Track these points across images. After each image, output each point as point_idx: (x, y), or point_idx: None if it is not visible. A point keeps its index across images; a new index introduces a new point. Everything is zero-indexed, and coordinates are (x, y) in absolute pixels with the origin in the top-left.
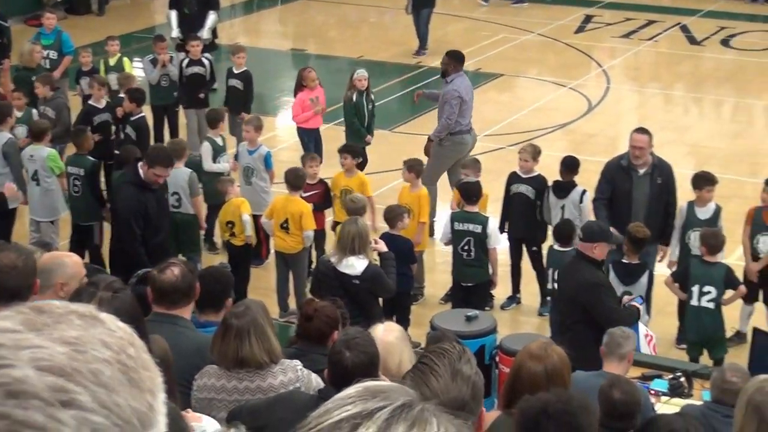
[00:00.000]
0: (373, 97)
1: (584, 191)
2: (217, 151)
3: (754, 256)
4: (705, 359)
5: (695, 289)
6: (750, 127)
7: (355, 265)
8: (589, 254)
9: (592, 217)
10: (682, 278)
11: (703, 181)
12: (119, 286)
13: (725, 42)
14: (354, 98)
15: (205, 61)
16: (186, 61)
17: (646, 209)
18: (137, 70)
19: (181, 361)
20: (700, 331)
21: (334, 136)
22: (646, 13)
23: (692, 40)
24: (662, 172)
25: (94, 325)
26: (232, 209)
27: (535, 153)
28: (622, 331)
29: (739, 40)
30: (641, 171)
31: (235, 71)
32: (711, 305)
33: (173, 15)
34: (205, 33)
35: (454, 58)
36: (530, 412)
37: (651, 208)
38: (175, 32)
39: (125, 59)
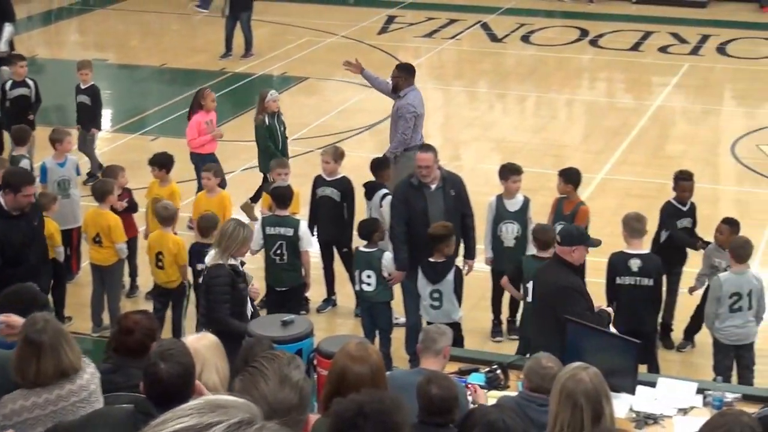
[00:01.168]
0: (283, 118)
1: (385, 194)
2: None
3: None
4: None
5: (530, 285)
6: (553, 121)
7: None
8: (567, 258)
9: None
10: (516, 276)
11: (508, 171)
12: None
13: (525, 38)
14: (267, 121)
15: (30, 82)
16: (9, 83)
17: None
18: None
19: None
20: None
21: (141, 146)
22: (447, 12)
23: (493, 38)
24: (453, 184)
25: None
26: (50, 226)
27: (337, 155)
28: (437, 327)
29: (538, 36)
30: (433, 186)
31: (82, 87)
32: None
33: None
34: (2, 46)
35: (406, 71)
36: (346, 413)
37: (449, 222)
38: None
39: None
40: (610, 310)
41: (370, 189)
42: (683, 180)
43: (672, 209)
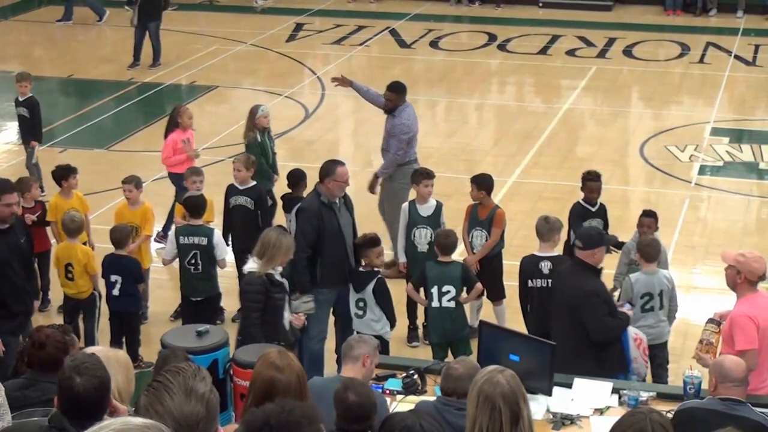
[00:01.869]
0: (272, 134)
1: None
2: None
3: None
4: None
5: (434, 290)
6: (464, 125)
7: None
8: (589, 261)
9: None
10: (420, 282)
11: (420, 175)
12: None
13: (434, 44)
14: (258, 138)
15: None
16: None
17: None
18: None
19: None
20: (444, 332)
21: (50, 158)
22: (356, 19)
23: (402, 44)
24: (347, 197)
25: None
26: None
27: (249, 163)
28: (358, 336)
29: (447, 41)
30: (339, 203)
31: (20, 99)
32: (451, 304)
33: None
34: None
35: (400, 91)
36: (254, 424)
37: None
38: None
39: None
40: (628, 311)
41: (288, 202)
42: (591, 180)
43: (580, 210)
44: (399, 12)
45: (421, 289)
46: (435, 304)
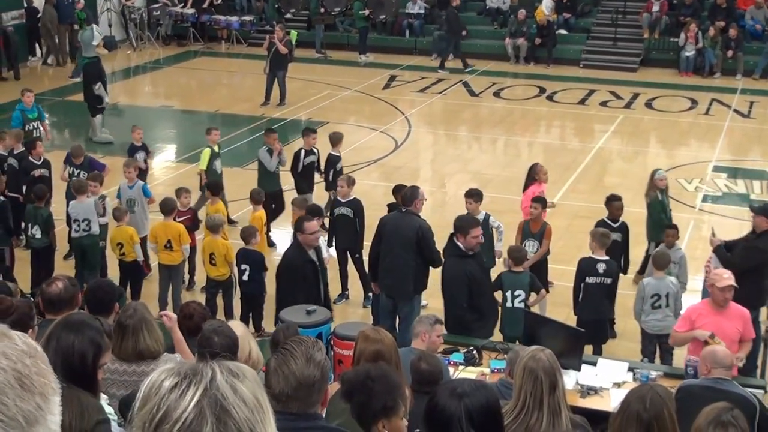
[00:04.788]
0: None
1: None
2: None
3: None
4: None
5: (508, 294)
6: (517, 158)
7: None
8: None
9: None
10: (497, 287)
11: (467, 194)
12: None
13: (497, 94)
14: (659, 196)
15: (316, 150)
16: (303, 152)
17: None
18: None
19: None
20: (513, 327)
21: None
22: (436, 74)
23: (472, 93)
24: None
25: (1, 339)
26: (124, 235)
27: (350, 182)
28: (419, 318)
29: (506, 92)
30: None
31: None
32: (521, 305)
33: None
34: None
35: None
36: (357, 378)
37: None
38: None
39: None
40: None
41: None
42: (613, 200)
43: (603, 225)
44: (469, 68)
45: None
46: (508, 305)
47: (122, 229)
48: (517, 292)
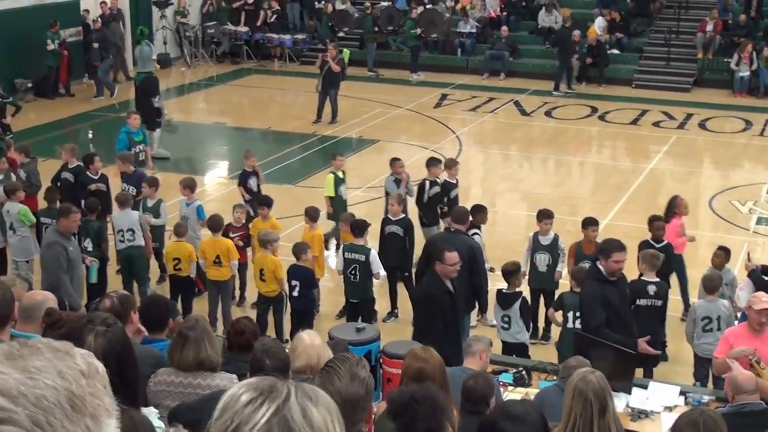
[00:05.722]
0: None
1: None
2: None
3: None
4: None
5: (570, 314)
6: (568, 178)
7: None
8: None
9: None
10: (558, 307)
11: (542, 215)
12: (112, 321)
13: (548, 113)
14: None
15: (440, 181)
16: (428, 183)
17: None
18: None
19: None
20: (572, 348)
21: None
22: (488, 92)
23: (523, 112)
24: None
25: (62, 358)
26: (183, 251)
27: (400, 200)
28: (475, 336)
29: (558, 112)
30: None
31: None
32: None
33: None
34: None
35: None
36: (401, 399)
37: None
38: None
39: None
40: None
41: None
42: (655, 221)
43: (646, 245)
44: (522, 87)
45: (559, 312)
46: (569, 325)
47: (182, 245)
48: (578, 313)
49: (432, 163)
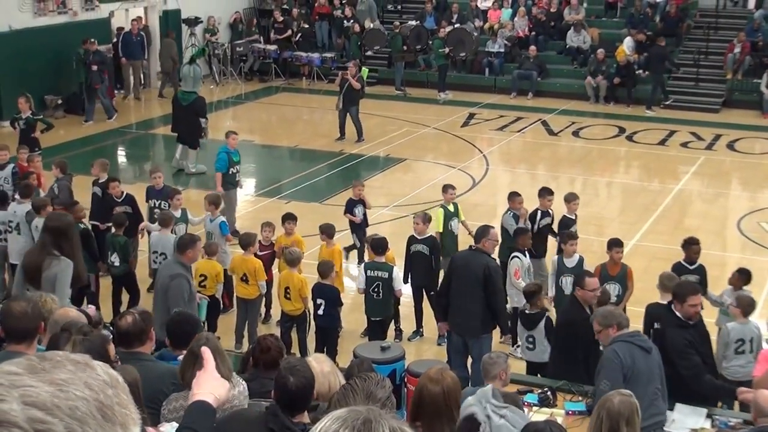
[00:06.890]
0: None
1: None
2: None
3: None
4: None
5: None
6: (595, 198)
7: None
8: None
9: None
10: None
11: (567, 237)
12: (87, 330)
13: (575, 133)
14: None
15: (551, 212)
16: (539, 213)
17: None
18: None
19: (147, 386)
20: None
21: (277, 207)
22: (515, 112)
23: (551, 132)
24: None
25: (84, 370)
26: (211, 269)
27: (426, 219)
28: (489, 358)
29: (586, 132)
30: None
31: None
32: None
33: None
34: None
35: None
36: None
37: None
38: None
39: None
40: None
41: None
42: (692, 244)
43: (678, 267)
44: (549, 107)
45: None
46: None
47: (211, 263)
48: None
49: (543, 193)
